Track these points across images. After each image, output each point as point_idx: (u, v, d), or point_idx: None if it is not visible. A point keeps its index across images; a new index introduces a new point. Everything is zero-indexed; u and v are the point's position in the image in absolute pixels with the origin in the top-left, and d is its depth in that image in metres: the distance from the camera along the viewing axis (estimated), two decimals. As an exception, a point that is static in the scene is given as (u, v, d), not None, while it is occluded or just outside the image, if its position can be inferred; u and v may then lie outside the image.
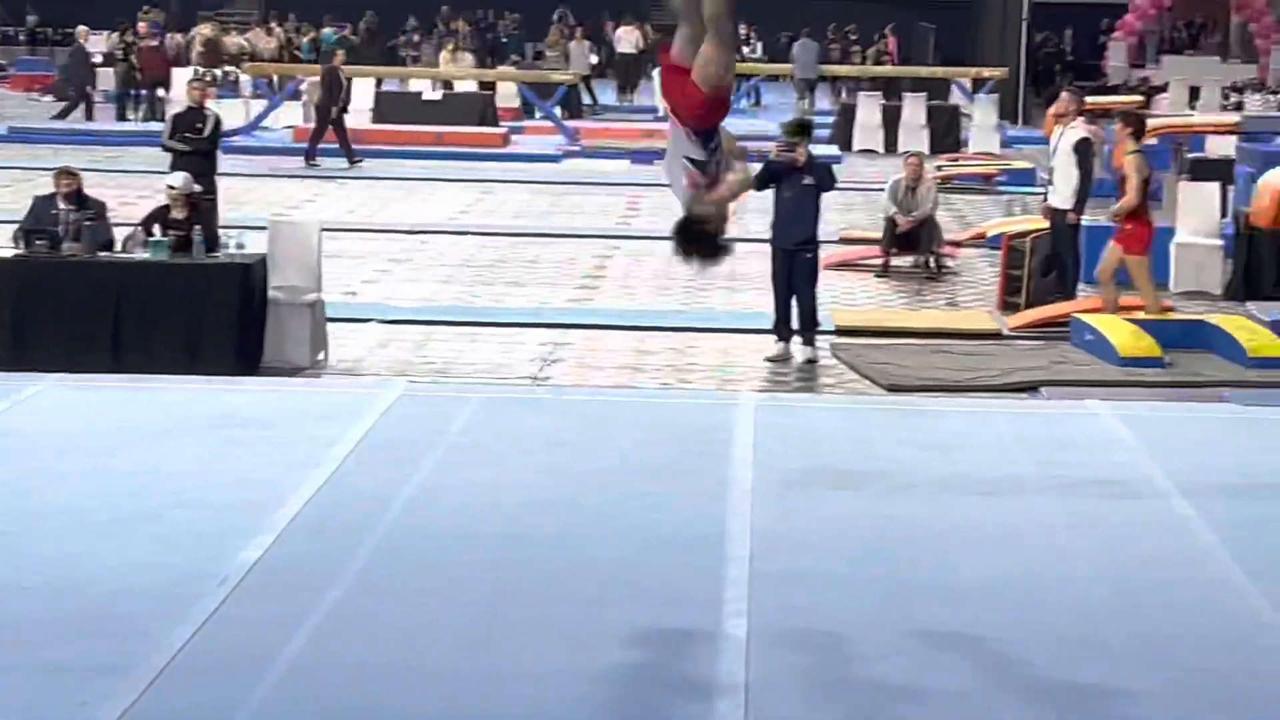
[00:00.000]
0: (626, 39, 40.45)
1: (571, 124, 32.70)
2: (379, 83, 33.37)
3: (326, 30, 41.58)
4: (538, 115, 33.99)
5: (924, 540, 9.17)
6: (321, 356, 13.71)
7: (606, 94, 39.88)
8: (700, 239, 8.28)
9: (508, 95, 34.89)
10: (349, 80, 28.80)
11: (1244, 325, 14.38)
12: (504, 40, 42.75)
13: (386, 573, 8.52)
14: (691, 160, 8.01)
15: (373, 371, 13.48)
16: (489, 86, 34.37)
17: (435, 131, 30.11)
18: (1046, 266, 15.86)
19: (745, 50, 41.18)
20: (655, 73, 10.33)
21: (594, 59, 39.74)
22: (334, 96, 27.01)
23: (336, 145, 26.91)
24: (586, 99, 37.52)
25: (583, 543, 9.03)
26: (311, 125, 28.17)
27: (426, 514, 9.47)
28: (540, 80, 34.31)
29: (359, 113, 32.58)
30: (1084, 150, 15.58)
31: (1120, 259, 14.77)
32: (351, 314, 15.36)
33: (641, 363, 14.04)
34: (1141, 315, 14.72)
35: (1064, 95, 16.41)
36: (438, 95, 32.83)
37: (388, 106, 32.31)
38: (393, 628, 7.79)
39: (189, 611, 7.85)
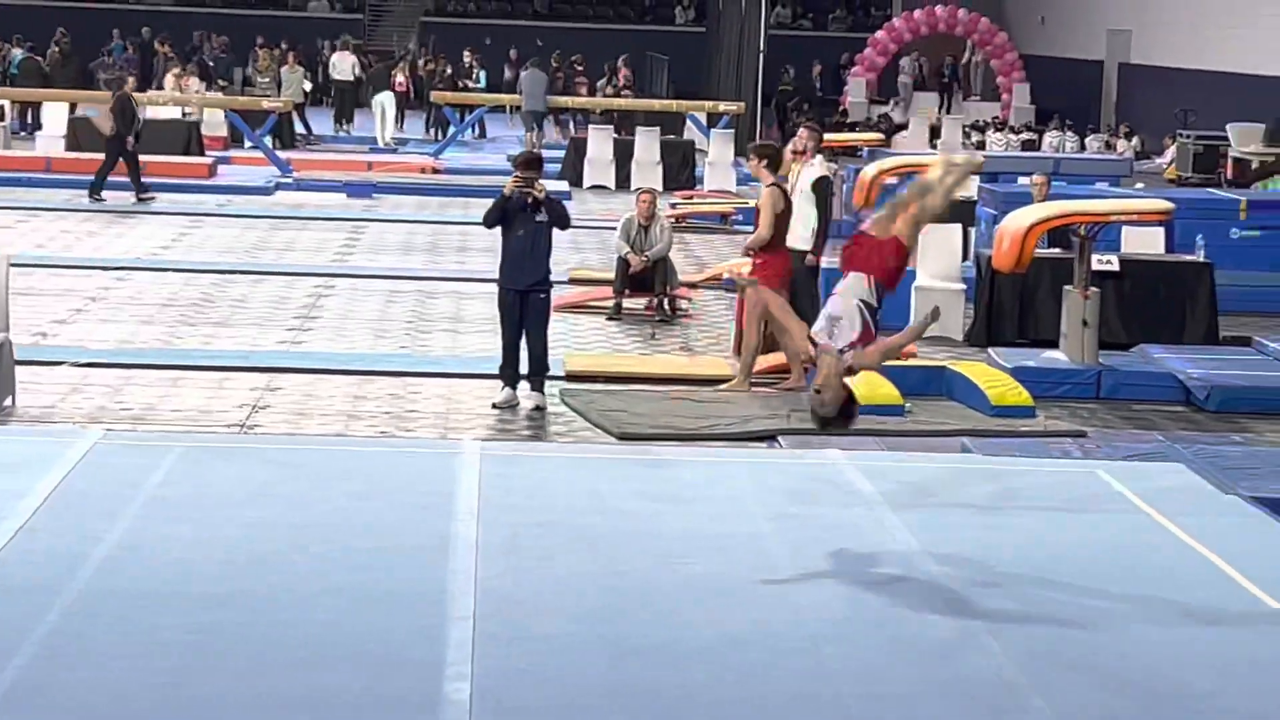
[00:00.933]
0: (342, 65, 40.24)
1: (284, 154, 32.44)
2: (73, 108, 32.76)
3: (16, 51, 40.71)
4: (247, 145, 33.66)
5: (655, 597, 9.21)
6: (8, 402, 13.40)
7: (321, 123, 39.60)
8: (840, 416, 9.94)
9: (214, 123, 34.50)
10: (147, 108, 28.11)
11: (986, 372, 14.72)
12: (211, 64, 42.24)
13: (77, 637, 8.32)
14: (865, 303, 9.64)
15: (65, 419, 13.20)
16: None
17: (135, 161, 29.61)
18: (785, 310, 16.06)
19: (469, 81, 41.22)
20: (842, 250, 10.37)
21: (308, 86, 39.45)
22: (128, 126, 26.36)
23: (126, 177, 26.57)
24: (300, 128, 37.24)
25: (293, 603, 8.91)
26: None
27: (122, 573, 9.28)
28: (250, 107, 33.97)
29: (52, 139, 32.01)
30: (822, 189, 15.80)
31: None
32: (42, 356, 15.05)
33: (358, 409, 13.94)
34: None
35: (802, 131, 16.61)
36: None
37: (84, 133, 31.70)
38: (83, 697, 7.61)
39: None
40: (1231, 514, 11.19)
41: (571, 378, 14.93)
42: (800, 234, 15.76)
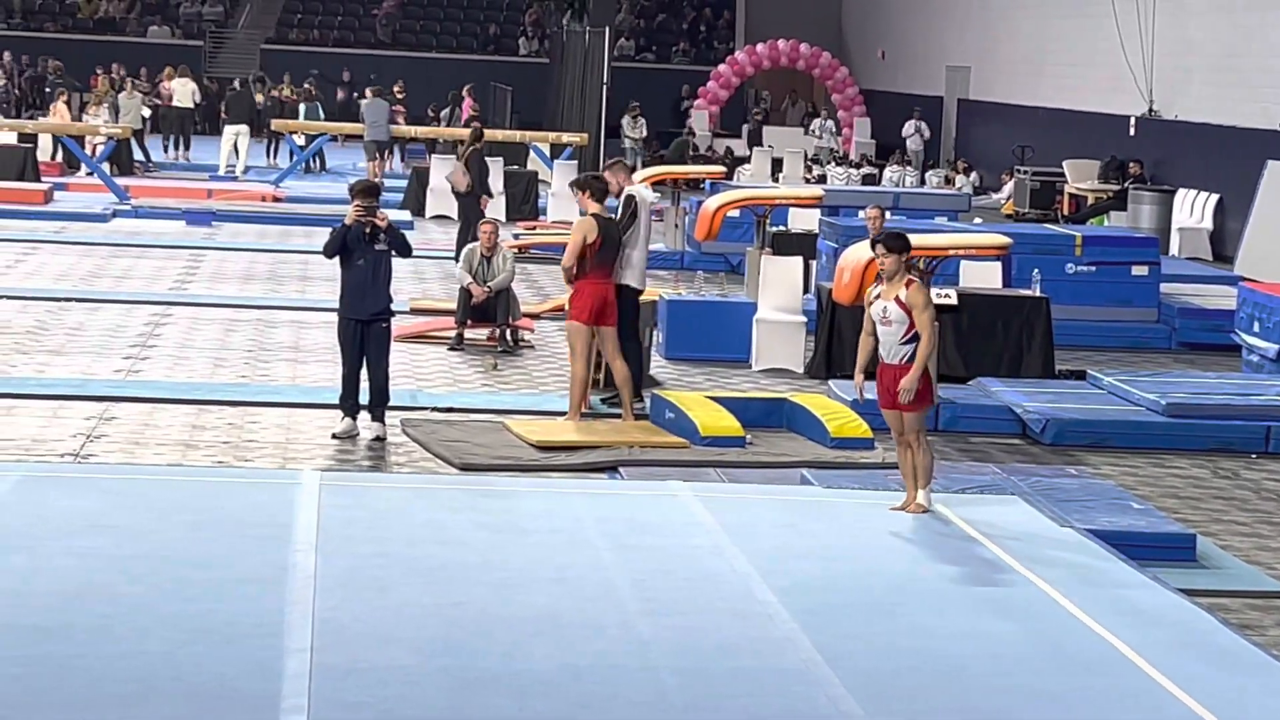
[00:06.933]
0: (181, 91, 39.87)
1: (121, 181, 32.07)
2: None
3: None
4: (84, 171, 33.25)
5: (496, 629, 9.18)
6: None
7: (154, 149, 39.17)
8: None
9: (50, 149, 34.08)
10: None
11: (826, 405, 14.80)
12: (48, 89, 41.71)
13: (-96, 670, 8.16)
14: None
15: (-107, 447, 12.95)
16: (29, 139, 33.51)
17: (-32, 186, 29.25)
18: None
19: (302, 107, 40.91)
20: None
21: (147, 112, 39.07)
22: (483, 182, 24.58)
23: None
24: (138, 155, 36.85)
25: (125, 635, 8.79)
26: None
27: (-49, 605, 9.11)
28: (88, 133, 33.57)
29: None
30: (625, 204, 15.58)
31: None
32: None
33: (196, 439, 13.79)
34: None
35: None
36: (-30, 147, 31.90)
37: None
38: (-90, 732, 7.46)
39: None
40: (1066, 546, 11.32)
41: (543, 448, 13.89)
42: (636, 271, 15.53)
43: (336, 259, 14.01)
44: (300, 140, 37.18)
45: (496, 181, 28.78)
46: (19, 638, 8.65)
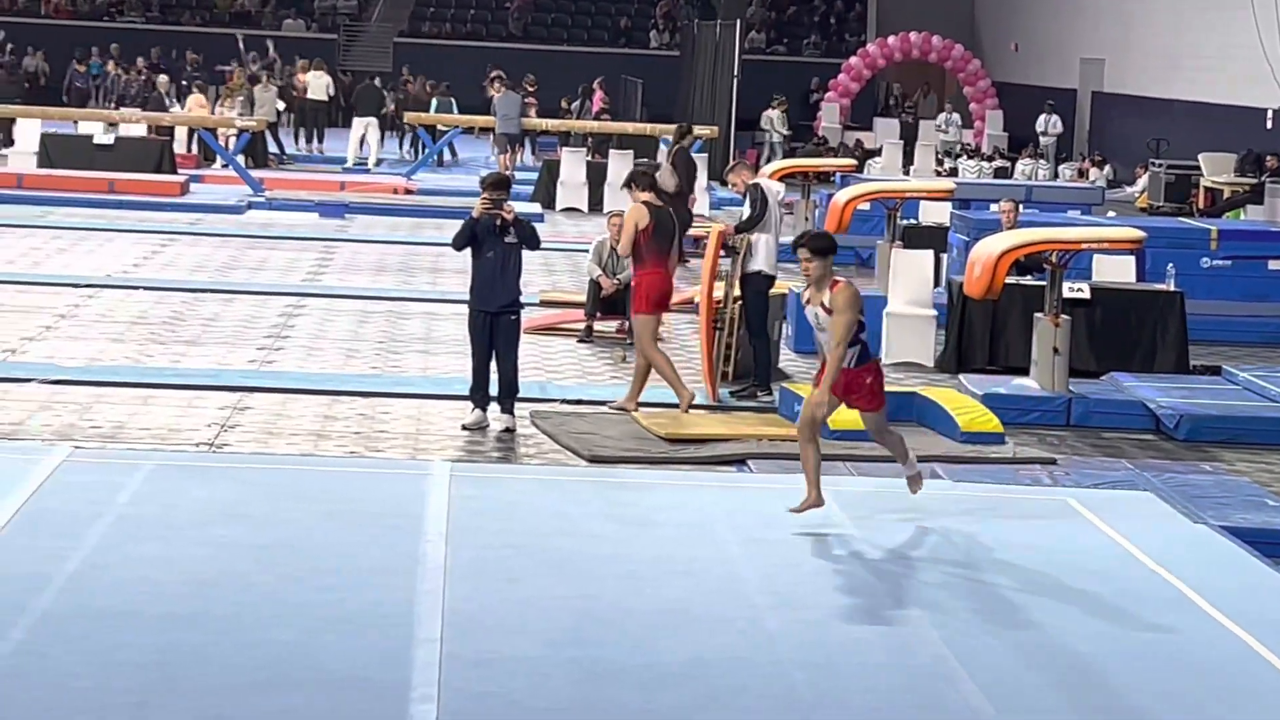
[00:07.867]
0: (316, 85, 40.19)
1: (256, 173, 32.38)
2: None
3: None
4: (219, 163, 33.59)
5: (624, 621, 9.18)
6: (-25, 419, 13.32)
7: (286, 142, 39.51)
8: None
9: (186, 141, 34.44)
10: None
11: (956, 399, 14.70)
12: (184, 82, 42.16)
13: (39, 657, 8.26)
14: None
15: (34, 436, 13.12)
16: (166, 131, 33.90)
17: (107, 178, 29.60)
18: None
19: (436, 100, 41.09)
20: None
21: (281, 105, 39.40)
22: (690, 182, 24.26)
23: None
24: (273, 147, 37.18)
25: (257, 623, 8.87)
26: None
27: (87, 592, 9.23)
28: (224, 125, 33.91)
29: (23, 155, 31.90)
30: (751, 194, 15.65)
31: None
32: (11, 373, 14.97)
33: (328, 429, 13.89)
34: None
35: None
36: (110, 139, 32.27)
37: (55, 150, 31.71)
38: (44, 719, 7.55)
39: None
40: (1200, 543, 11.19)
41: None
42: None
43: (468, 251, 14.07)
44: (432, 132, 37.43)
45: (700, 178, 28.80)
46: (153, 625, 8.75)
